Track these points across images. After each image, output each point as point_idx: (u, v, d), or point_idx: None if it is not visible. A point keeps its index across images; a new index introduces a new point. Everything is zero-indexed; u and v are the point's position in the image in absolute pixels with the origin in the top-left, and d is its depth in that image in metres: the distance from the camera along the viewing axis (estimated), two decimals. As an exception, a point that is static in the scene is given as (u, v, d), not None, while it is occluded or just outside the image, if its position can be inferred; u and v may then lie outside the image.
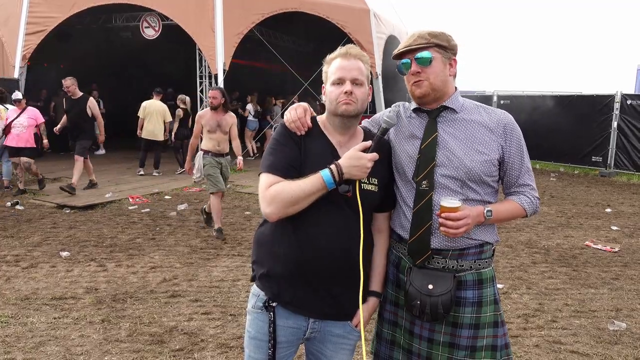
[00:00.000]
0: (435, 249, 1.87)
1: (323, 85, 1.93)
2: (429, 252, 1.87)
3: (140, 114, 10.67)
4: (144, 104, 10.72)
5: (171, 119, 10.99)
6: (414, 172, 1.89)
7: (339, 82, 1.83)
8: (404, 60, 1.90)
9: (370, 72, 1.94)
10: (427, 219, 1.86)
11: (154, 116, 10.66)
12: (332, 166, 1.74)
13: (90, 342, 3.60)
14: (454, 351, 1.87)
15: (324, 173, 1.73)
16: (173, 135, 11.34)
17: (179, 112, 11.14)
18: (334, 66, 1.87)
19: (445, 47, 1.88)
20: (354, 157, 1.75)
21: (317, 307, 1.86)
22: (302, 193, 1.72)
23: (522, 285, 4.90)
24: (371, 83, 1.96)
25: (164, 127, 10.84)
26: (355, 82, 1.83)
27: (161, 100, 11.02)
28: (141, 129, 10.69)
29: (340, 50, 1.89)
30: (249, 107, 13.65)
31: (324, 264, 1.81)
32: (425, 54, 1.85)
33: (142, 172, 10.82)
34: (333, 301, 1.86)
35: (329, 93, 1.86)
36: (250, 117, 13.61)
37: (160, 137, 10.85)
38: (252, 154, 13.07)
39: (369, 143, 1.80)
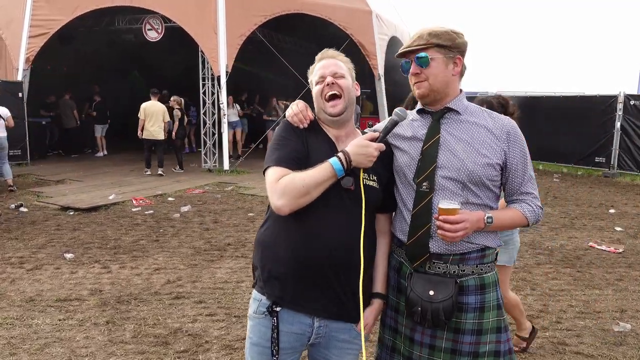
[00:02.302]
0: (435, 253, 1.84)
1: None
2: (426, 255, 1.84)
3: (141, 115, 10.97)
4: (144, 105, 11.02)
5: (169, 119, 11.40)
6: (414, 173, 1.88)
7: (321, 80, 1.91)
8: (404, 61, 1.92)
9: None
10: (426, 221, 1.84)
11: (154, 117, 10.97)
12: (340, 154, 1.75)
13: (95, 343, 3.61)
14: (456, 357, 1.84)
15: (333, 161, 1.74)
16: (173, 135, 11.82)
17: (177, 113, 11.48)
18: (314, 70, 1.96)
19: (448, 46, 1.86)
20: (361, 145, 1.76)
21: (322, 305, 1.84)
22: (313, 182, 1.72)
23: (526, 286, 4.89)
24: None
25: (163, 127, 11.18)
26: (335, 75, 1.90)
27: (158, 100, 11.37)
28: (142, 130, 10.99)
29: (317, 56, 1.99)
30: (237, 107, 13.80)
31: (328, 261, 1.80)
32: (422, 55, 1.85)
33: (149, 172, 11.14)
34: (337, 297, 1.84)
35: (315, 93, 1.93)
36: (235, 118, 13.72)
37: (161, 136, 11.16)
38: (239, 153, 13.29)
39: (376, 134, 1.82)
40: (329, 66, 1.91)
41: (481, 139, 1.86)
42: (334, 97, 1.87)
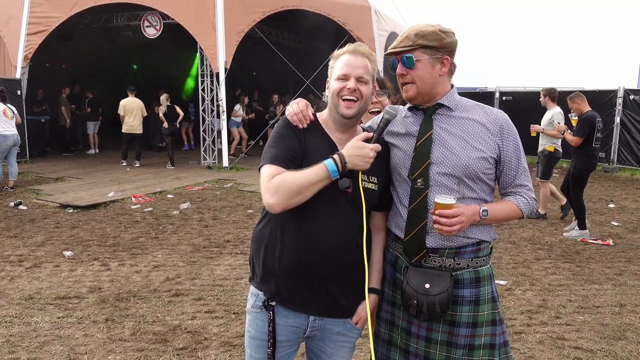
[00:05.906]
0: (431, 248, 1.85)
1: (328, 79, 1.93)
2: (424, 251, 1.86)
3: (120, 111, 11.66)
4: (123, 102, 11.66)
5: (146, 114, 12.08)
6: (409, 170, 1.88)
7: (344, 78, 1.83)
8: (392, 61, 1.91)
9: (378, 71, 1.95)
10: (422, 217, 1.85)
11: (133, 112, 11.64)
12: (335, 155, 1.74)
13: (94, 341, 3.61)
14: (452, 350, 1.86)
15: (328, 162, 1.72)
16: (163, 130, 12.13)
17: (160, 111, 11.81)
18: (340, 62, 1.86)
19: (435, 47, 1.84)
20: (356, 147, 1.74)
21: (316, 305, 1.86)
22: (306, 182, 1.70)
23: (526, 281, 4.89)
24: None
25: (141, 121, 11.87)
26: (360, 79, 1.83)
27: (135, 96, 11.97)
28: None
29: (349, 46, 1.88)
30: (237, 107, 13.75)
31: (324, 263, 1.80)
32: (407, 57, 1.84)
33: (124, 164, 11.71)
34: (332, 299, 1.86)
35: (332, 87, 1.86)
36: (240, 118, 13.67)
37: (140, 131, 11.84)
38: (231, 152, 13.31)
39: (370, 134, 1.81)
40: (357, 67, 1.83)
41: (475, 133, 1.87)
42: (350, 99, 1.83)
